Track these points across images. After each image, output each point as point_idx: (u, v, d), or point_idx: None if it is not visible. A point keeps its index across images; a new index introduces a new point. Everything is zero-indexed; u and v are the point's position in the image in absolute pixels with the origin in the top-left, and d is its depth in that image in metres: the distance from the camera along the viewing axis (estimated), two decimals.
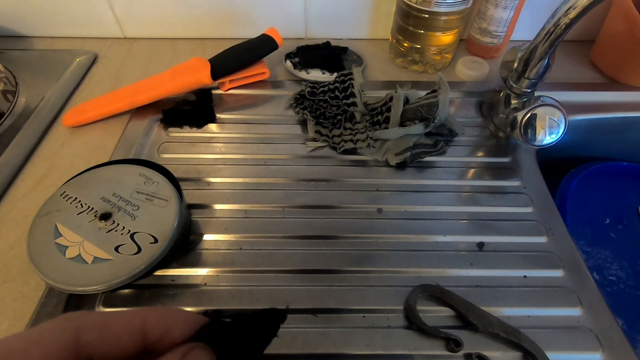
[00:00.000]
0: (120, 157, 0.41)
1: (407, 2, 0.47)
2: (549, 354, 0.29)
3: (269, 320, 0.17)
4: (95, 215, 0.33)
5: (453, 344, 0.30)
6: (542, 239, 0.37)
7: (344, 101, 0.45)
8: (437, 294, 0.32)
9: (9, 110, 0.46)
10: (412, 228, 0.37)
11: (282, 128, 0.46)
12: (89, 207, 0.33)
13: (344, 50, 0.55)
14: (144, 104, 0.46)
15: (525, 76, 0.41)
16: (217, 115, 0.47)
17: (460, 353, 0.30)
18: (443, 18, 0.47)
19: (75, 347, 0.14)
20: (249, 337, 0.16)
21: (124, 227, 0.32)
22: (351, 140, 0.43)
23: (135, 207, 0.33)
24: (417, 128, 0.41)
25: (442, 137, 0.44)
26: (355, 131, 0.44)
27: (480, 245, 0.36)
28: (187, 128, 0.45)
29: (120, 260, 0.30)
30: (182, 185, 0.36)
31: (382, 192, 0.40)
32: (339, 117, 0.45)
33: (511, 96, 0.44)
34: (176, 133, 0.45)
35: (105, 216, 0.33)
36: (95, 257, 0.30)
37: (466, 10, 0.47)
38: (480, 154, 0.44)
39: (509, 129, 0.42)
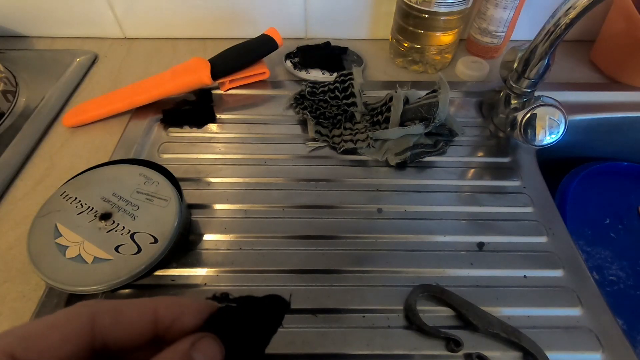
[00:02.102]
0: (120, 157, 0.41)
1: (407, 2, 0.47)
2: (549, 354, 0.29)
3: (274, 308, 0.17)
4: (95, 215, 0.33)
5: (453, 344, 0.30)
6: (542, 239, 0.37)
7: (344, 101, 0.45)
8: (437, 294, 0.32)
9: (9, 110, 0.46)
10: (412, 228, 0.37)
11: (282, 128, 0.46)
12: (89, 207, 0.33)
13: (344, 50, 0.55)
14: (144, 104, 0.46)
15: (525, 76, 0.41)
16: (217, 115, 0.47)
17: (460, 353, 0.30)
18: (443, 18, 0.47)
19: (91, 331, 0.15)
20: (256, 325, 0.16)
21: (124, 227, 0.32)
22: (351, 140, 0.43)
23: (135, 207, 0.33)
24: (417, 128, 0.41)
25: (442, 137, 0.44)
26: (355, 131, 0.44)
27: (480, 245, 0.36)
28: (187, 128, 0.45)
29: (120, 260, 0.30)
30: (182, 185, 0.36)
31: (382, 192, 0.40)
32: (339, 117, 0.45)
33: (511, 96, 0.44)
34: (176, 133, 0.45)
35: (105, 216, 0.33)
36: (95, 257, 0.30)
37: (466, 10, 0.47)
38: (480, 154, 0.44)
39: (509, 129, 0.42)
